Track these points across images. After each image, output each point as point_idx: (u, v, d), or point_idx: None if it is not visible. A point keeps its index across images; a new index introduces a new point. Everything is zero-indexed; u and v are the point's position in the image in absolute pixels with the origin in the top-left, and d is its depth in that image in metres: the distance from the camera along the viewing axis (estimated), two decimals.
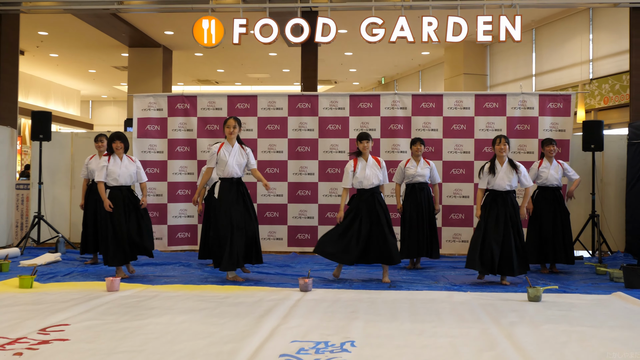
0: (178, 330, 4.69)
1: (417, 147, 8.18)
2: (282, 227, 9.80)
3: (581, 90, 14.01)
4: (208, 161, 7.11)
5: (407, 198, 8.13)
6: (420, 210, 8.02)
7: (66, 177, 10.64)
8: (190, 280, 7.15)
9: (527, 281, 6.60)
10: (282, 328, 4.74)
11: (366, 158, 7.17)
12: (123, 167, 7.23)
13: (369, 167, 7.13)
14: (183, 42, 17.33)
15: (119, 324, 4.83)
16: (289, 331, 4.65)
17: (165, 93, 10.62)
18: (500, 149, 7.01)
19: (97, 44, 17.93)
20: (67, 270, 7.71)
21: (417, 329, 4.80)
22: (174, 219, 9.84)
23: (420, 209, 8.03)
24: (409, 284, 6.93)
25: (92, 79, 24.96)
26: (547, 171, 7.89)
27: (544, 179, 7.88)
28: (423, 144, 8.25)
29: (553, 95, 9.65)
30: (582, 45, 14.54)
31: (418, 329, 4.78)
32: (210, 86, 25.48)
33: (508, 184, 6.94)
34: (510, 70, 17.27)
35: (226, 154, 6.99)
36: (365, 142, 7.16)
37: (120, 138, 7.28)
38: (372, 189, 7.10)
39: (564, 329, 4.83)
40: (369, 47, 17.49)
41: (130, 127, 12.92)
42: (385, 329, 4.76)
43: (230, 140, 7.07)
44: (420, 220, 8.02)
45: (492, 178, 7.01)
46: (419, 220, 8.02)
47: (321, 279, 7.28)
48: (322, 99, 9.85)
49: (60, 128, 25.20)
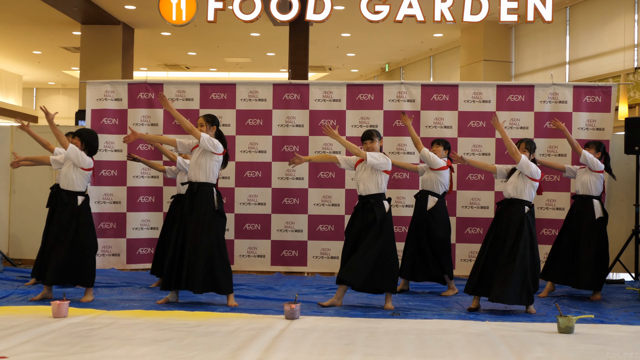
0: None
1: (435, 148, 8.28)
2: (264, 242, 9.80)
3: (624, 82, 14.09)
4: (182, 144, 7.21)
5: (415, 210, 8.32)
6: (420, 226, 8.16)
7: (4, 180, 10.60)
8: (153, 305, 7.14)
9: (557, 309, 6.63)
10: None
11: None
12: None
13: (368, 170, 7.18)
14: (147, 19, 17.31)
15: (67, 357, 4.81)
16: None
17: (126, 80, 10.61)
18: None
19: (43, 19, 17.88)
20: (5, 293, 7.67)
21: None
22: (134, 232, 9.82)
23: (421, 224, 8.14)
24: (416, 312, 6.95)
25: (37, 62, 24.88)
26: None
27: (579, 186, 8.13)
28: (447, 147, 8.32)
29: (590, 87, 9.70)
30: (626, 27, 14.62)
31: None
32: (180, 72, 25.46)
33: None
34: (539, 57, 17.35)
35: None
36: (368, 143, 7.22)
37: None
38: (367, 197, 7.16)
39: None
40: (371, 28, 17.51)
41: (83, 121, 12.91)
42: None
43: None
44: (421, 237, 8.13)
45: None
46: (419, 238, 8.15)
47: (311, 304, 7.29)
48: (314, 89, 9.87)
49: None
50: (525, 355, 5.14)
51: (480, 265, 7.11)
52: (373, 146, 7.22)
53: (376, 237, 7.04)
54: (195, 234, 7.01)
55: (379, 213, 7.08)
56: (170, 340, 5.44)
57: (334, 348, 5.26)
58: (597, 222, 8.04)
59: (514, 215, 7.03)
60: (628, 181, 9.81)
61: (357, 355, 5.05)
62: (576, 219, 8.13)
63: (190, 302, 7.28)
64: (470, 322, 6.43)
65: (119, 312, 6.67)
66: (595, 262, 7.96)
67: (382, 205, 7.13)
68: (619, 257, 9.38)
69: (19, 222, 10.43)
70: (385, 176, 7.23)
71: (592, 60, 15.59)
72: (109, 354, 4.94)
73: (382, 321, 6.41)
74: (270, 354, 5.00)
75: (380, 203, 7.13)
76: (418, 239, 8.13)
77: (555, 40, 16.75)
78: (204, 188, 7.07)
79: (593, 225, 8.02)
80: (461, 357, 5.05)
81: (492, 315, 6.80)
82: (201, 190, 7.05)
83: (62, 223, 7.23)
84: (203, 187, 7.07)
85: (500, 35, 18.17)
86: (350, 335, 5.73)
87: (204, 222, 7.02)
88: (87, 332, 5.67)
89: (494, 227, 7.19)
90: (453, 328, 6.14)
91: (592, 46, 15.63)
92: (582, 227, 8.04)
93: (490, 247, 7.10)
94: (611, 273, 9.63)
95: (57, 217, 7.32)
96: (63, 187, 7.32)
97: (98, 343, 5.29)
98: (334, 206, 9.72)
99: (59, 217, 7.28)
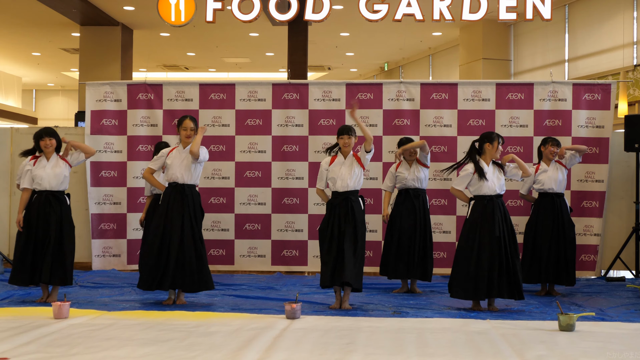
0: None
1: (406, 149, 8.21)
2: (264, 242, 9.81)
3: (623, 79, 14.09)
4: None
5: (397, 206, 8.19)
6: (413, 222, 8.06)
7: (4, 182, 10.60)
8: (154, 305, 7.15)
9: (557, 306, 6.63)
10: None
11: (346, 156, 7.19)
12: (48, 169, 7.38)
13: (346, 166, 7.14)
14: (146, 20, 17.32)
15: (68, 358, 4.81)
16: None
17: (125, 81, 10.63)
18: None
19: (42, 21, 17.89)
20: (6, 294, 7.69)
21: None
22: (134, 232, 9.82)
23: (414, 220, 8.05)
24: (416, 310, 6.95)
25: (36, 63, 24.89)
26: (545, 174, 8.14)
27: (541, 184, 8.16)
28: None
29: (590, 85, 9.71)
30: (625, 24, 14.62)
31: None
32: (179, 73, 25.47)
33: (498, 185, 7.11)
34: (539, 55, 17.35)
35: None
36: (346, 138, 7.16)
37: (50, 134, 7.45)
38: (346, 193, 7.10)
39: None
40: (370, 27, 17.51)
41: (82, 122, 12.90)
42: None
43: (185, 144, 7.32)
44: (413, 234, 8.05)
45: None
46: (412, 234, 8.05)
47: (311, 303, 7.29)
48: (313, 89, 9.87)
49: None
50: (526, 353, 5.14)
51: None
52: (351, 142, 7.13)
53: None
54: (186, 233, 7.11)
55: (358, 210, 7.10)
56: (171, 340, 5.45)
57: (335, 347, 5.26)
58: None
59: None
60: (628, 179, 9.81)
61: (358, 354, 5.05)
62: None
63: (190, 303, 7.29)
64: (471, 320, 6.43)
65: (119, 312, 6.67)
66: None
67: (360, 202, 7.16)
68: (619, 255, 9.39)
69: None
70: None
71: (591, 58, 15.60)
72: (110, 355, 4.94)
73: (383, 320, 6.41)
74: (271, 354, 5.00)
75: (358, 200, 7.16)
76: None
77: (555, 38, 16.74)
78: (192, 189, 7.23)
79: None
80: (462, 356, 5.05)
81: (493, 314, 6.80)
82: (189, 191, 7.19)
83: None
84: (190, 188, 7.22)
85: (499, 33, 18.17)
86: (351, 335, 5.72)
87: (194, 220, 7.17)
88: (88, 333, 5.67)
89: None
90: (454, 327, 6.13)
91: (591, 44, 15.63)
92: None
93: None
94: (612, 271, 9.64)
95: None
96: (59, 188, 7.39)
97: (99, 344, 5.29)
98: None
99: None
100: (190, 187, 7.20)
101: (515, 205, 9.35)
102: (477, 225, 6.96)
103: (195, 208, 7.19)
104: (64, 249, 7.24)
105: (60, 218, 7.26)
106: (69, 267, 7.28)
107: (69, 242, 7.30)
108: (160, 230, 7.12)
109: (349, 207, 7.02)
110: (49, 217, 7.22)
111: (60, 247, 7.22)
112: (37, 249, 7.18)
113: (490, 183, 6.99)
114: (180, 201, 7.12)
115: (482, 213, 6.96)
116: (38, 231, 7.21)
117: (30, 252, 7.18)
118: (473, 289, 6.90)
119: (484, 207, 6.97)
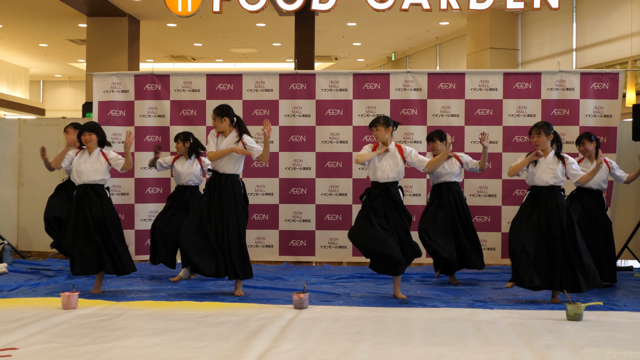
0: (148, 355, 4.71)
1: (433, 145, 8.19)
2: (272, 232, 9.82)
3: (631, 68, 14.04)
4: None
5: (432, 201, 8.18)
6: (450, 215, 8.05)
7: (13, 173, 10.64)
8: (162, 295, 7.17)
9: (565, 296, 6.63)
10: (273, 352, 4.77)
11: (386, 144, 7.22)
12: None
13: (387, 157, 7.16)
14: (153, 10, 17.32)
15: (77, 348, 4.84)
16: (280, 356, 4.68)
17: (132, 72, 10.62)
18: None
19: (49, 12, 17.91)
20: (15, 285, 7.72)
21: (434, 353, 4.83)
22: (142, 223, 9.85)
23: (450, 213, 8.04)
24: (424, 300, 6.96)
25: (44, 54, 24.91)
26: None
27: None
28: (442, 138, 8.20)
29: (597, 74, 9.67)
30: (633, 13, 14.56)
31: (435, 354, 4.81)
32: (186, 63, 25.46)
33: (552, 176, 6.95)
34: (546, 44, 17.29)
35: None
36: (374, 130, 7.21)
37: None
38: (386, 184, 7.12)
39: (610, 353, 4.87)
40: (377, 17, 17.49)
41: (90, 113, 12.92)
42: (396, 354, 4.79)
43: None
44: (455, 226, 8.05)
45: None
46: (453, 226, 8.05)
47: (319, 293, 7.30)
48: (320, 79, 9.86)
49: (5, 114, 25.18)
50: (534, 342, 5.14)
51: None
52: (379, 134, 7.19)
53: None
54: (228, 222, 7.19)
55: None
56: (180, 330, 5.47)
57: (343, 337, 5.27)
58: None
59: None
60: (636, 168, 9.71)
61: (366, 343, 5.06)
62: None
63: (200, 293, 7.31)
64: (479, 310, 6.44)
65: (128, 302, 6.70)
66: None
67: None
68: (627, 245, 9.38)
69: (28, 215, 10.47)
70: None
71: (599, 47, 15.53)
72: (119, 345, 4.97)
73: (391, 310, 6.43)
74: (280, 343, 5.02)
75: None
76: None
77: (562, 27, 16.68)
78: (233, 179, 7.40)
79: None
80: (470, 345, 5.06)
81: (501, 304, 6.81)
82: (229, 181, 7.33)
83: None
84: (230, 178, 7.37)
85: (507, 22, 18.11)
86: (359, 324, 5.74)
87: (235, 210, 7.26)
88: (97, 323, 5.70)
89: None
90: (462, 316, 6.15)
91: (599, 33, 15.56)
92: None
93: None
94: (620, 260, 9.62)
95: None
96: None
97: (108, 334, 5.31)
98: (342, 196, 9.72)
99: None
100: (230, 177, 7.35)
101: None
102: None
103: (236, 198, 7.31)
104: (112, 239, 7.30)
105: (102, 210, 7.29)
106: (123, 257, 7.37)
107: (114, 232, 7.36)
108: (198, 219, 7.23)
109: (389, 198, 7.08)
110: (90, 210, 7.24)
111: (109, 239, 7.29)
112: (89, 239, 7.21)
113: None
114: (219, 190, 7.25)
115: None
116: (83, 223, 7.23)
117: (83, 242, 7.20)
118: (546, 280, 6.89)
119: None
